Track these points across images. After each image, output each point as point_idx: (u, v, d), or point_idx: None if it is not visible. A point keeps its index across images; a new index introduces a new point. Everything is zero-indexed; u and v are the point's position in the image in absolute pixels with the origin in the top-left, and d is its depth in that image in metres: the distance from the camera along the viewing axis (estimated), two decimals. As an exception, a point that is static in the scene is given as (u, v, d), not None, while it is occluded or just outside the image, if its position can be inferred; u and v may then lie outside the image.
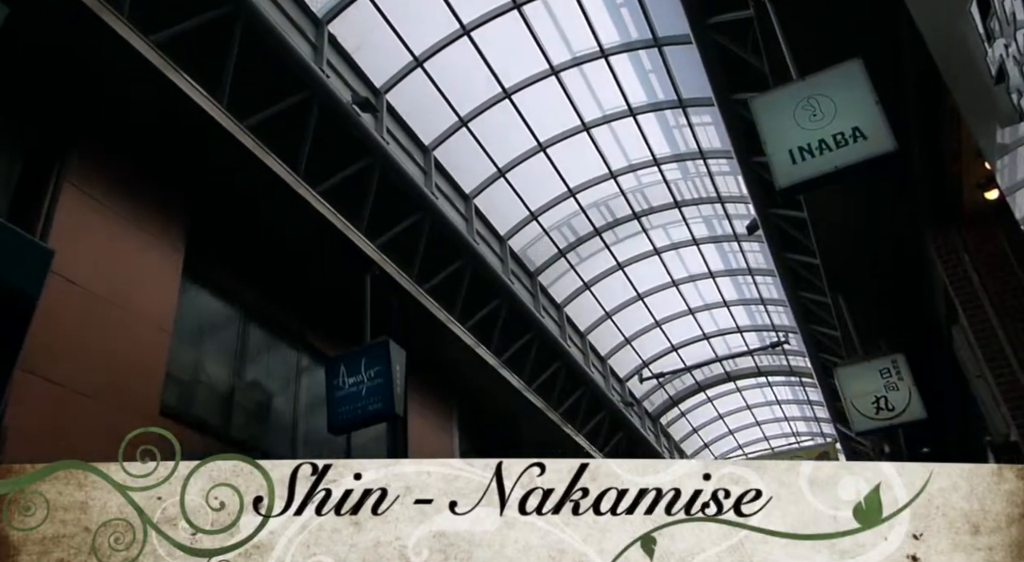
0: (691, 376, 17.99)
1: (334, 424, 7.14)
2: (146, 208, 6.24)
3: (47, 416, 4.97)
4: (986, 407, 6.80)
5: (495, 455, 9.28)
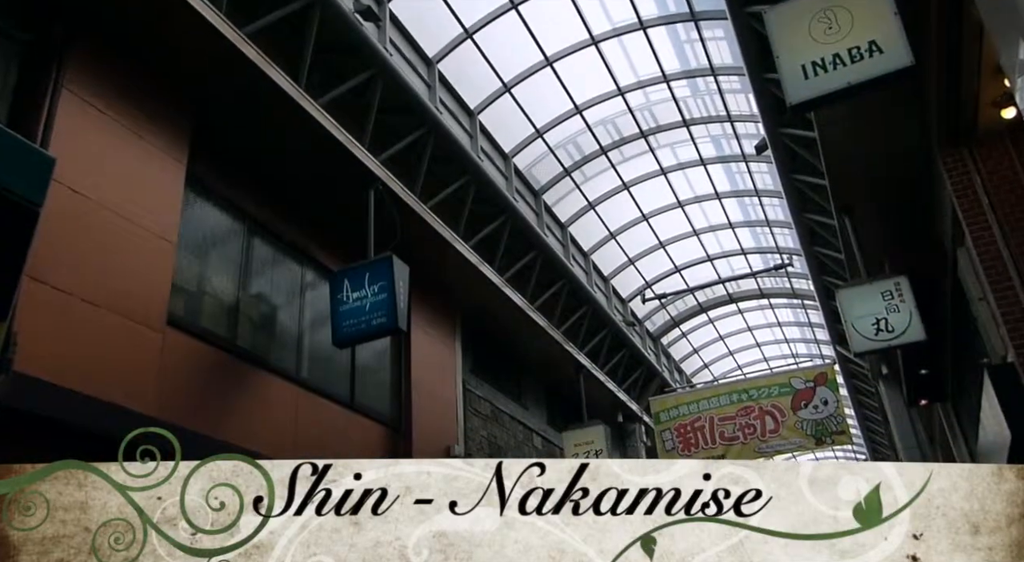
0: (693, 297, 18.10)
1: (339, 337, 7.23)
2: (147, 118, 6.15)
3: (55, 324, 5.04)
4: (985, 329, 6.85)
5: (496, 371, 9.48)
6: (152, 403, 5.51)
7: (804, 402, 11.85)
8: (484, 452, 10.50)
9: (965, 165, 6.36)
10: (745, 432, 12.31)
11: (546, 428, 12.78)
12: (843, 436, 11.65)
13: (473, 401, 10.66)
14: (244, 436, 6.34)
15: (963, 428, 9.92)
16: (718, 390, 13.00)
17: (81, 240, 5.37)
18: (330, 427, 7.81)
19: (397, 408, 9.17)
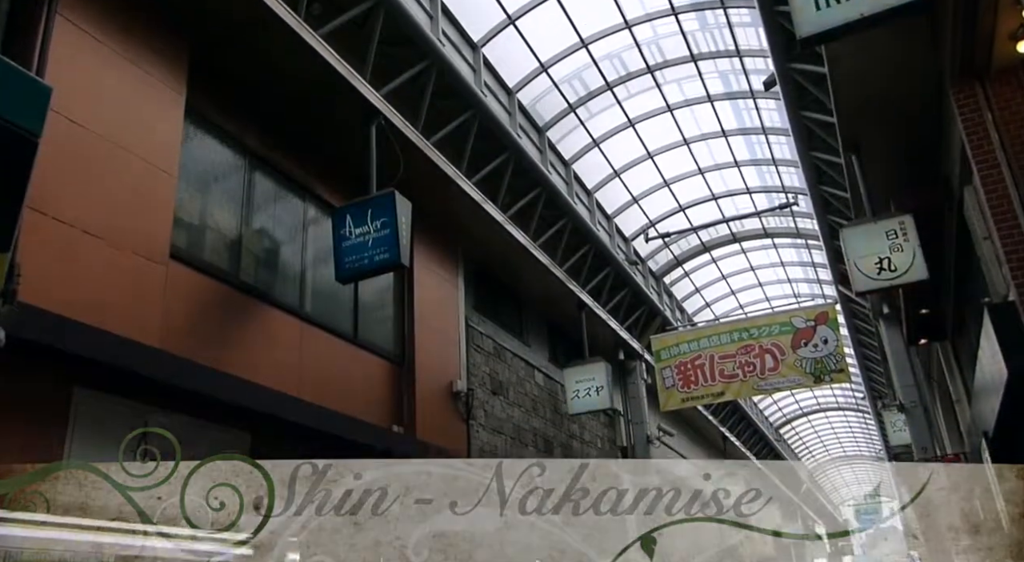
0: (697, 237, 18.04)
1: (341, 273, 7.24)
2: (144, 48, 6.03)
3: (58, 256, 5.05)
4: (988, 268, 6.84)
5: (499, 308, 9.51)
6: (156, 335, 5.57)
7: (804, 341, 11.93)
8: (486, 388, 10.65)
9: (977, 101, 6.24)
10: (745, 370, 12.44)
11: (548, 365, 12.92)
12: (842, 374, 11.77)
13: (475, 337, 10.75)
14: (249, 369, 6.42)
15: (961, 367, 10.01)
16: (719, 329, 13.09)
17: (81, 172, 5.34)
18: (334, 362, 7.91)
19: (400, 344, 9.26)
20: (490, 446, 10.34)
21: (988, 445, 7.50)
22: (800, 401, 30.35)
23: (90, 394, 5.07)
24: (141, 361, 5.20)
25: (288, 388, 6.80)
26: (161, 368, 5.35)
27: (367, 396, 8.29)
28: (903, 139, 7.74)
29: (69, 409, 4.94)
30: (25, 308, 4.45)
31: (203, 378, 5.70)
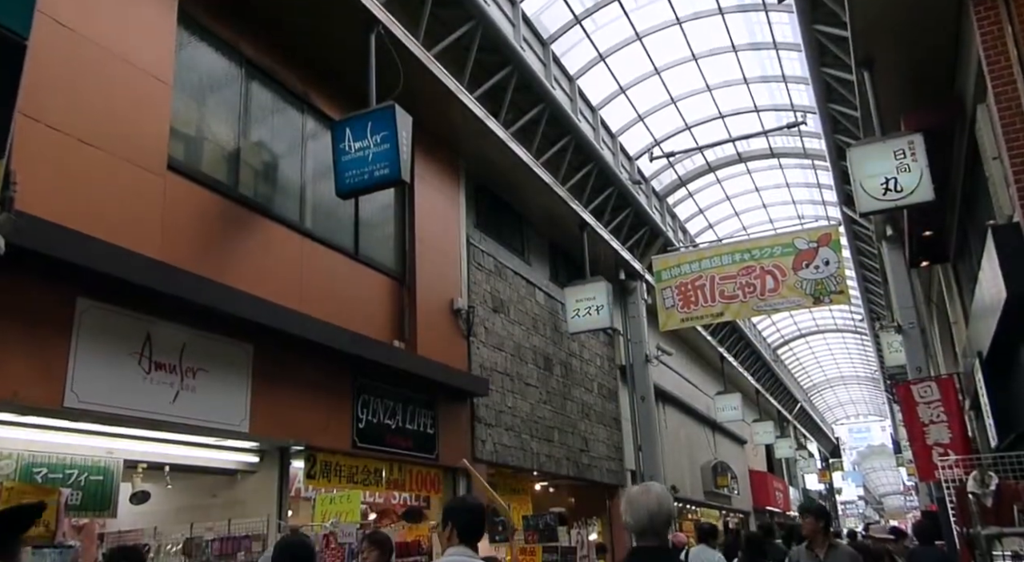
0: (702, 156, 17.80)
1: (341, 188, 7.17)
2: (131, -51, 5.79)
3: (54, 164, 5.00)
4: (995, 189, 6.76)
5: (500, 227, 9.48)
6: (156, 248, 5.57)
7: (806, 262, 11.92)
8: (487, 305, 10.73)
9: (998, 15, 6.03)
10: (745, 291, 12.49)
11: (548, 284, 12.97)
12: (841, 296, 11.81)
13: (476, 255, 10.76)
14: (250, 282, 6.45)
15: (961, 289, 10.05)
16: (721, 249, 13.06)
17: (73, 78, 5.22)
18: (335, 277, 7.94)
19: (402, 261, 9.28)
20: (490, 362, 10.50)
21: (981, 365, 7.59)
22: (799, 323, 30.65)
23: (93, 304, 5.11)
24: (144, 272, 5.21)
25: (289, 302, 6.85)
26: (163, 279, 5.36)
27: (368, 312, 8.36)
28: (918, 55, 7.52)
29: (73, 319, 4.98)
30: (24, 217, 4.42)
31: (205, 290, 5.73)
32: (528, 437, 11.04)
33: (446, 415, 9.16)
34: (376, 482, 8.08)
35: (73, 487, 5.24)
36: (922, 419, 9.12)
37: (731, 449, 23.86)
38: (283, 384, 6.75)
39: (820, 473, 36.91)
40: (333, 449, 7.41)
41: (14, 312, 4.65)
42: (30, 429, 4.98)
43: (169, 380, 5.60)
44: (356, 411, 7.69)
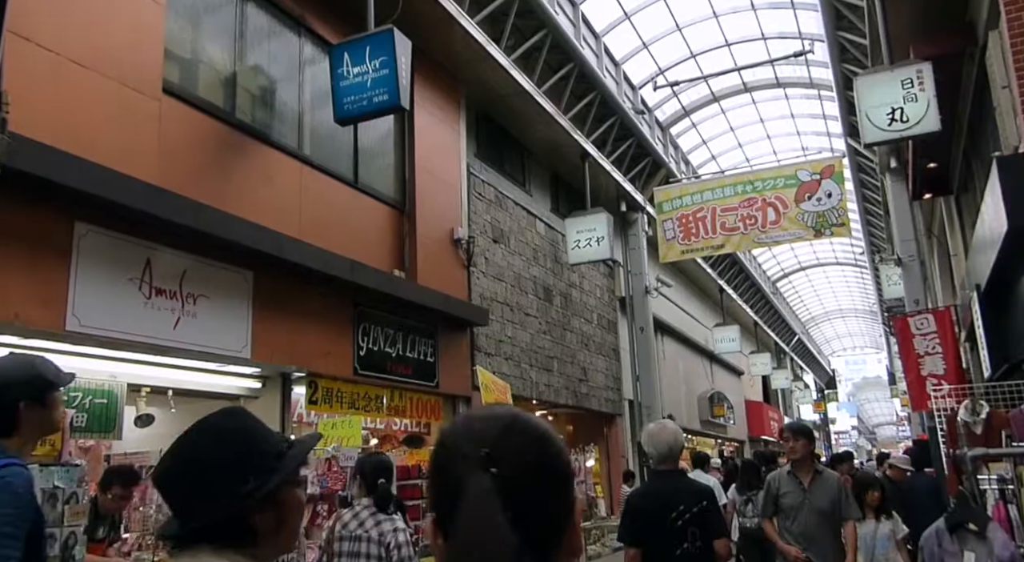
0: (707, 85, 17.45)
1: (340, 115, 7.07)
2: None
3: (46, 86, 4.92)
4: (1003, 119, 6.66)
5: (501, 156, 9.33)
6: (154, 173, 5.52)
7: (808, 194, 11.85)
8: (487, 235, 10.71)
9: (1015, -65, 5.81)
10: (746, 223, 12.45)
11: (549, 215, 12.93)
12: (842, 228, 11.78)
13: (477, 185, 10.69)
14: (249, 209, 6.43)
15: (962, 221, 10.01)
16: (723, 181, 12.97)
17: (62, -2, 5.08)
18: (335, 205, 7.90)
19: (401, 189, 9.22)
20: (490, 293, 10.55)
21: (979, 297, 7.63)
22: (799, 256, 30.66)
23: (92, 229, 5.10)
24: (141, 197, 5.19)
25: (289, 230, 6.83)
26: (161, 205, 5.34)
27: (368, 241, 8.36)
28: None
29: (71, 244, 4.98)
30: (18, 139, 4.38)
31: (204, 216, 5.71)
32: (527, 366, 11.19)
33: (446, 344, 9.26)
34: (377, 408, 8.24)
35: (78, 410, 5.34)
36: (917, 351, 9.21)
37: (728, 380, 24.22)
38: (284, 311, 6.81)
39: (815, 404, 37.58)
40: (334, 376, 7.53)
41: (13, 235, 4.65)
42: (33, 352, 5.04)
43: (170, 306, 5.64)
44: (357, 339, 7.77)
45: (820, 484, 5.15)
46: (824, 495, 5.09)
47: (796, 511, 5.14)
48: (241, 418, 1.44)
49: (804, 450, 5.22)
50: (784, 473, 5.37)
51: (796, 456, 5.22)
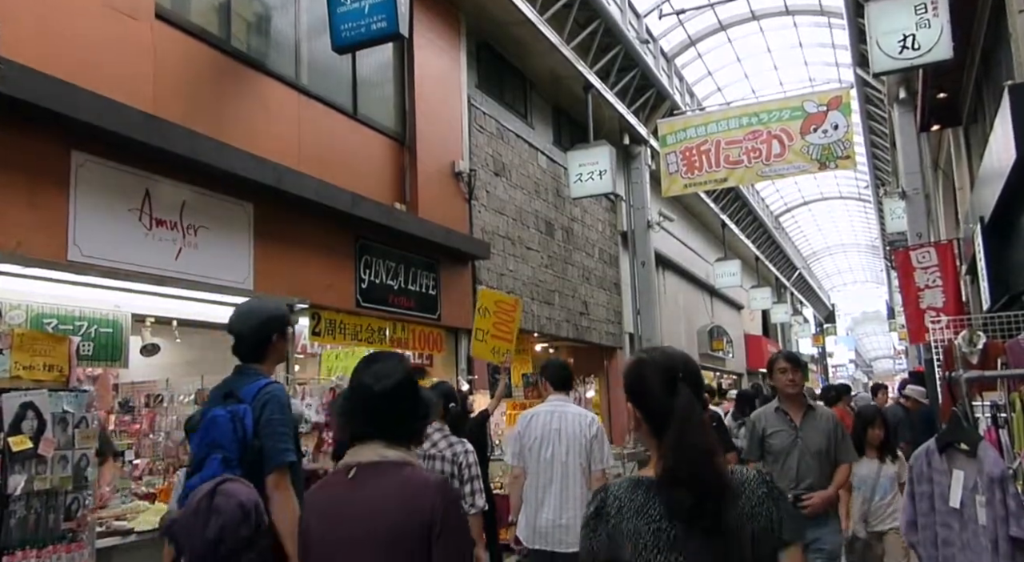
0: (713, 13, 16.98)
1: (338, 43, 6.93)
2: None
3: (36, 10, 4.79)
4: (1017, 47, 6.50)
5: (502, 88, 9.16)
6: (149, 101, 5.44)
7: (814, 126, 11.67)
8: (488, 169, 10.61)
9: None
10: (750, 156, 12.31)
11: (551, 148, 12.77)
12: (848, 161, 11.64)
13: (478, 117, 10.52)
14: (247, 140, 6.35)
15: (970, 153, 9.89)
16: (728, 113, 12.76)
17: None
18: (334, 136, 7.80)
19: (401, 121, 9.09)
20: (492, 226, 10.51)
21: (982, 230, 7.59)
22: (802, 190, 30.44)
23: (90, 159, 5.05)
24: (137, 126, 5.12)
25: (288, 161, 6.77)
26: (158, 134, 5.27)
27: (368, 173, 8.28)
28: None
29: (69, 173, 4.94)
30: (10, 64, 4.29)
31: (202, 147, 5.65)
32: (529, 300, 11.24)
33: (448, 277, 9.28)
34: (380, 340, 8.31)
35: (84, 338, 5.39)
36: (918, 284, 9.22)
37: (728, 314, 24.37)
38: (285, 243, 6.80)
39: (814, 338, 37.90)
40: (337, 308, 7.57)
41: (11, 163, 4.61)
42: (37, 281, 5.06)
43: (171, 237, 5.63)
44: (359, 272, 7.78)
45: (813, 422, 4.44)
46: (818, 434, 4.40)
47: (786, 454, 4.41)
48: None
49: (801, 383, 4.57)
50: (771, 410, 4.58)
51: (797, 389, 4.50)
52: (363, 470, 1.88)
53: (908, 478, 2.92)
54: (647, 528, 1.58)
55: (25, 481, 3.25)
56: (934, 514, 2.76)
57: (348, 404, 2.00)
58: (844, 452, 4.51)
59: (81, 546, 3.48)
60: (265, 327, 2.97)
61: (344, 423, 1.99)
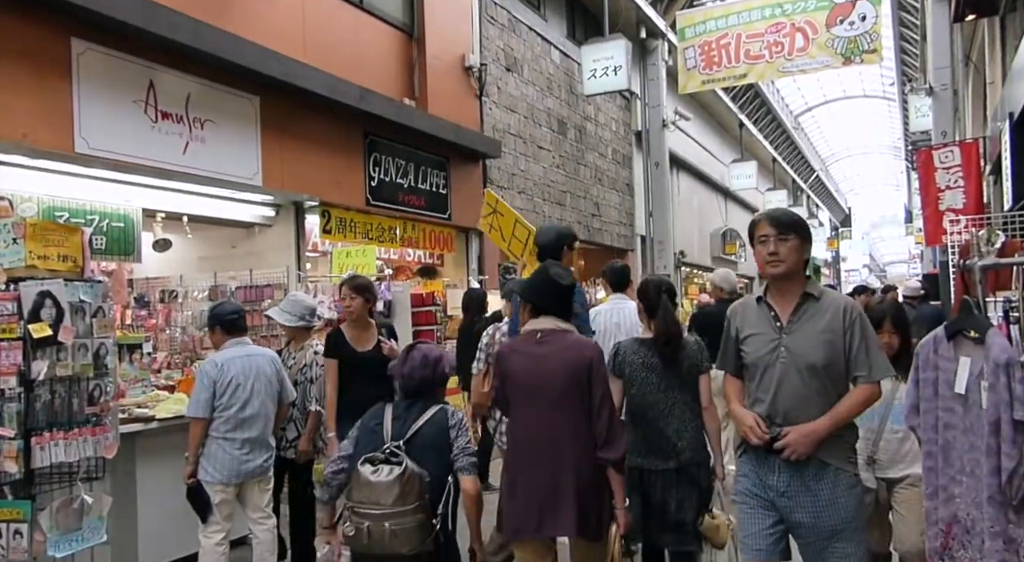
0: None
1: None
2: None
3: None
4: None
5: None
6: (148, -14, 5.22)
7: (841, 17, 11.15)
8: (500, 63, 10.29)
9: None
10: (772, 50, 11.85)
11: (565, 42, 12.33)
12: (874, 55, 11.18)
13: (489, 8, 10.12)
14: (251, 30, 6.15)
15: (1004, 45, 9.46)
16: (750, 4, 12.18)
17: None
18: (340, 27, 7.54)
19: (410, 11, 8.75)
20: (503, 124, 10.29)
21: (1011, 126, 7.36)
22: (824, 87, 29.53)
23: (90, 47, 4.91)
24: (137, 12, 4.94)
25: (293, 53, 6.56)
26: (159, 21, 5.09)
27: (376, 66, 8.04)
28: None
29: (71, 63, 4.81)
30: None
31: (204, 35, 5.47)
32: (540, 201, 11.13)
33: (458, 176, 9.16)
34: (391, 239, 8.31)
35: (96, 232, 5.40)
36: (938, 185, 9.02)
37: (742, 217, 24.14)
38: (293, 139, 6.68)
39: (828, 242, 37.64)
40: (347, 206, 7.52)
41: (12, 52, 4.50)
42: (47, 175, 5.04)
43: (177, 130, 5.54)
44: (368, 169, 7.69)
45: (810, 319, 2.63)
46: (813, 339, 2.59)
47: (763, 370, 2.67)
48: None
49: (796, 258, 2.64)
50: (752, 302, 2.83)
51: (780, 269, 2.63)
52: (546, 334, 2.86)
53: (913, 366, 2.90)
54: (639, 360, 3.38)
55: (47, 367, 3.31)
56: (937, 399, 2.76)
57: (536, 291, 2.97)
58: (861, 362, 2.58)
59: (106, 429, 3.57)
60: (559, 240, 3.89)
61: (532, 301, 2.96)
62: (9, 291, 3.32)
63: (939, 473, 2.69)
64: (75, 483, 3.51)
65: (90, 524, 3.53)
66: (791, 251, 2.64)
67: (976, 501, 2.54)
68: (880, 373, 2.61)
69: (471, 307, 6.55)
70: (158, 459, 4.37)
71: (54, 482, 3.47)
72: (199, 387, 3.83)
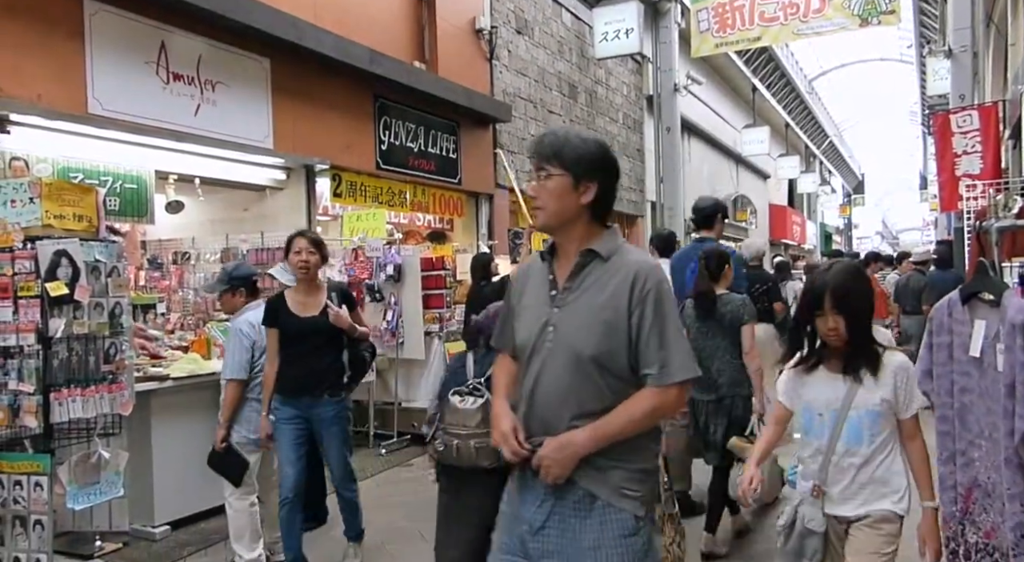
0: None
1: None
2: None
3: None
4: None
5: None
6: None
7: (858, -24, 10.93)
8: (510, 26, 10.17)
9: None
10: (787, 12, 11.66)
11: (576, 4, 12.16)
12: (892, 16, 10.97)
13: (500, -31, 9.97)
14: (261, -10, 6.09)
15: (1026, 7, 9.26)
16: (768, -37, 11.96)
17: None
18: (350, -12, 7.46)
19: (420, -27, 8.65)
20: (513, 88, 10.21)
21: (1029, 88, 7.24)
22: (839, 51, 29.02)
23: (102, 8, 4.90)
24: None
25: (304, 15, 6.51)
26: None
27: (386, 29, 7.97)
28: None
29: (83, 23, 4.80)
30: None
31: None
32: (551, 164, 11.07)
33: (468, 140, 9.13)
34: (401, 203, 8.31)
35: (110, 193, 5.43)
36: (955, 150, 8.91)
37: (753, 183, 23.96)
38: (304, 102, 6.67)
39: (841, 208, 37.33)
40: (357, 170, 7.52)
41: (24, 11, 4.50)
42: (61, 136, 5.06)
43: (188, 92, 5.54)
44: (378, 133, 7.67)
45: (588, 288, 1.86)
46: (586, 316, 1.83)
47: (528, 357, 1.94)
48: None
49: (563, 204, 1.87)
50: (537, 260, 2.04)
51: (539, 220, 1.93)
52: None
53: (928, 330, 2.90)
54: (692, 313, 4.10)
55: (64, 325, 3.37)
56: (952, 363, 2.76)
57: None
58: (650, 356, 1.81)
59: (122, 386, 3.65)
60: (715, 208, 4.79)
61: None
62: (26, 249, 3.36)
63: (956, 438, 2.70)
64: (93, 438, 3.59)
65: (107, 478, 3.62)
66: (553, 194, 1.85)
67: (995, 464, 2.54)
68: (678, 373, 1.78)
69: (476, 272, 6.59)
70: (172, 417, 4.45)
71: (72, 437, 3.55)
72: (237, 348, 3.68)
